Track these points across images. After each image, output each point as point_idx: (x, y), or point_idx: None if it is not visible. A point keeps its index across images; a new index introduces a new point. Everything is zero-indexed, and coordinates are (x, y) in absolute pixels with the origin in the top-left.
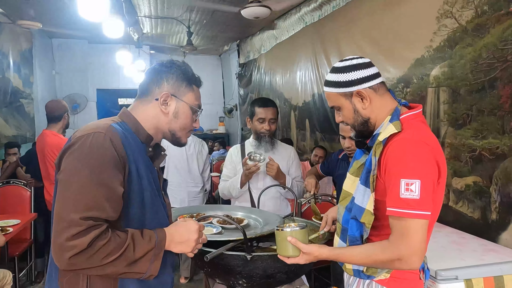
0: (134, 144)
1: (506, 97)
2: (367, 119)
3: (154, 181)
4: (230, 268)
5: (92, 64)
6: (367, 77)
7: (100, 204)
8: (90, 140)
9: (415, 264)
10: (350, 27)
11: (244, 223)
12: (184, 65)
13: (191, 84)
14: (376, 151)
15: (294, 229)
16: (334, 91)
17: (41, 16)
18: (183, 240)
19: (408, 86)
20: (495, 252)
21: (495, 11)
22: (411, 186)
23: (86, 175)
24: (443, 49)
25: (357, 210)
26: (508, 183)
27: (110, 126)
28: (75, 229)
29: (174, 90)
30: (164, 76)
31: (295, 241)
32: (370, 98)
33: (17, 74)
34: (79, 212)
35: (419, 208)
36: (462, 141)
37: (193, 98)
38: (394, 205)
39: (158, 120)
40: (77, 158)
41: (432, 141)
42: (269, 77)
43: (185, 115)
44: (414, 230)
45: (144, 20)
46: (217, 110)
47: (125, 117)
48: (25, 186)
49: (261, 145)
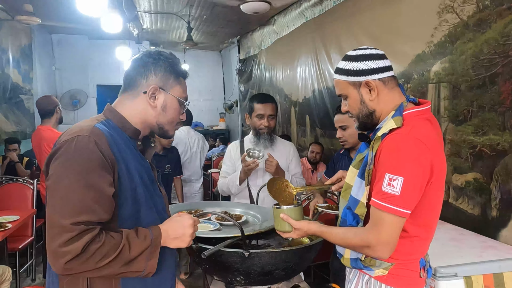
0: (121, 141)
1: (507, 93)
2: (373, 111)
3: (148, 174)
4: (228, 265)
5: (92, 60)
6: (378, 69)
7: (89, 207)
8: (74, 144)
9: (381, 253)
10: (350, 22)
11: (242, 219)
12: (171, 57)
13: (178, 76)
14: (374, 146)
15: (288, 207)
16: (343, 79)
17: (41, 12)
18: (178, 235)
19: (408, 82)
20: (495, 249)
21: (497, 6)
22: (394, 181)
23: (73, 179)
24: (444, 44)
25: (352, 202)
26: (509, 180)
27: (94, 127)
28: (67, 235)
29: (162, 83)
30: (152, 68)
31: (286, 217)
32: (378, 90)
33: (16, 70)
34: (70, 218)
35: (396, 204)
36: (463, 137)
37: (181, 91)
38: (375, 196)
39: (146, 114)
40: (63, 163)
41: (430, 140)
42: (269, 72)
43: (173, 109)
44: (387, 223)
45: (144, 16)
46: (217, 106)
47: (110, 114)
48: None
49: (260, 141)
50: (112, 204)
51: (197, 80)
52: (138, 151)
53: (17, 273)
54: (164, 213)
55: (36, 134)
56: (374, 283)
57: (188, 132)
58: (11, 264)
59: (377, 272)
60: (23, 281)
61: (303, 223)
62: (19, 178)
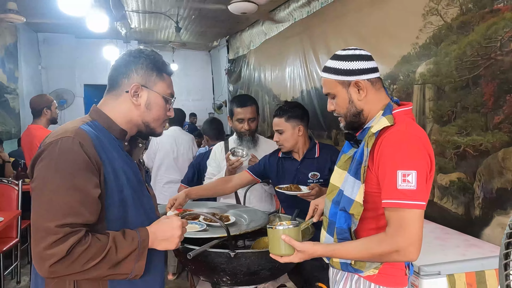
0: (107, 143)
1: (489, 94)
2: (360, 111)
3: (135, 175)
4: (214, 266)
5: (79, 59)
6: (367, 69)
7: (75, 209)
8: (58, 146)
9: (412, 255)
10: (338, 23)
11: (231, 220)
12: (153, 54)
13: (161, 72)
14: (368, 142)
15: (288, 227)
16: (332, 78)
17: (26, 10)
18: (167, 237)
19: (394, 83)
20: (478, 247)
21: (480, 8)
22: (408, 177)
23: (58, 181)
24: (429, 46)
25: (346, 202)
26: (491, 180)
27: (79, 129)
28: (52, 237)
29: (145, 81)
30: (133, 67)
31: (289, 239)
32: (367, 90)
33: (1, 69)
34: (54, 220)
35: (416, 198)
36: (447, 137)
37: (165, 87)
38: (391, 196)
39: (131, 113)
40: (47, 165)
41: (423, 135)
42: (258, 73)
43: (158, 106)
44: (411, 220)
45: (132, 15)
46: (206, 106)
47: (96, 115)
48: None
49: (243, 143)
50: (99, 206)
51: (186, 80)
52: (124, 151)
53: (1, 275)
54: (153, 214)
55: (26, 134)
56: (364, 282)
57: (177, 132)
58: None
59: (367, 272)
60: (8, 284)
61: (307, 244)
62: (3, 179)
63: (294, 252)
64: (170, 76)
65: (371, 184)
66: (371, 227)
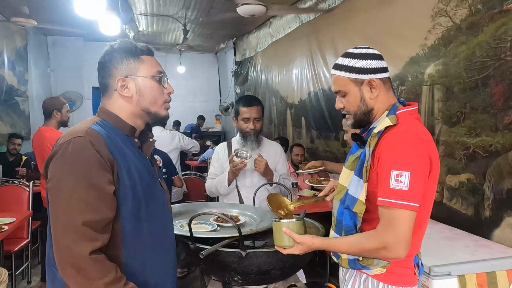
0: (119, 140)
1: (499, 95)
2: (371, 110)
3: (148, 170)
4: (225, 265)
5: (87, 61)
6: (380, 68)
7: (93, 206)
8: (71, 146)
9: (399, 252)
10: (345, 25)
11: (241, 221)
12: (123, 43)
13: (137, 56)
14: (370, 142)
15: (290, 220)
16: (345, 76)
17: (36, 14)
18: None
19: (403, 84)
20: (488, 248)
21: (489, 9)
22: (401, 177)
23: (73, 180)
24: (438, 47)
25: (350, 200)
26: (501, 180)
27: (89, 129)
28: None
29: (125, 71)
30: (110, 64)
31: (289, 231)
32: (379, 89)
33: (11, 72)
34: (77, 217)
35: (407, 199)
36: (456, 138)
37: (148, 68)
38: (383, 195)
39: (127, 107)
40: (61, 166)
41: (425, 136)
42: (265, 75)
43: (149, 88)
44: (401, 220)
45: (140, 18)
46: (213, 108)
47: (104, 114)
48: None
49: (247, 143)
50: (114, 202)
51: (192, 82)
52: (136, 147)
53: (13, 275)
54: (165, 208)
55: (37, 135)
56: (372, 281)
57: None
58: (7, 266)
59: (375, 271)
60: (19, 284)
61: (306, 237)
62: (15, 180)
63: (295, 244)
64: (150, 55)
65: (374, 183)
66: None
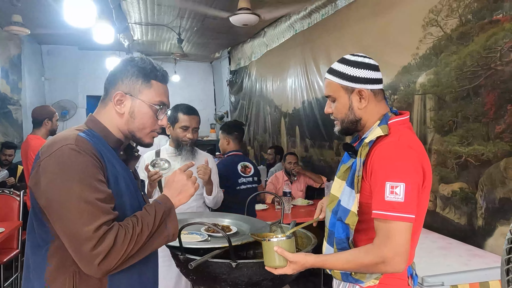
0: (106, 150)
1: (490, 104)
2: (359, 119)
3: (132, 183)
4: (215, 276)
5: (82, 70)
6: (373, 79)
7: (103, 208)
8: (62, 155)
9: (399, 265)
10: (339, 35)
11: (232, 231)
12: (142, 60)
13: (148, 79)
14: (362, 152)
15: (281, 239)
16: (337, 81)
17: (30, 22)
18: (180, 190)
19: (395, 93)
20: (481, 257)
21: (479, 19)
22: (396, 189)
23: (76, 188)
24: (429, 56)
25: (342, 212)
26: (493, 189)
27: (78, 136)
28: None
29: (129, 89)
30: (119, 76)
31: (281, 251)
32: (368, 100)
33: (5, 80)
34: (90, 224)
35: (403, 211)
36: (448, 147)
37: (153, 95)
38: (379, 207)
39: (116, 121)
40: (57, 177)
41: (417, 146)
42: (259, 84)
43: (142, 114)
44: (398, 232)
45: (134, 27)
46: (208, 117)
47: (92, 124)
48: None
49: (182, 153)
50: (114, 200)
51: (188, 91)
52: (120, 160)
53: (2, 286)
54: None
55: (24, 144)
56: None
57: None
58: None
59: (368, 283)
60: None
61: (299, 255)
62: (5, 189)
63: (287, 263)
64: (163, 83)
65: (366, 194)
66: (369, 237)
